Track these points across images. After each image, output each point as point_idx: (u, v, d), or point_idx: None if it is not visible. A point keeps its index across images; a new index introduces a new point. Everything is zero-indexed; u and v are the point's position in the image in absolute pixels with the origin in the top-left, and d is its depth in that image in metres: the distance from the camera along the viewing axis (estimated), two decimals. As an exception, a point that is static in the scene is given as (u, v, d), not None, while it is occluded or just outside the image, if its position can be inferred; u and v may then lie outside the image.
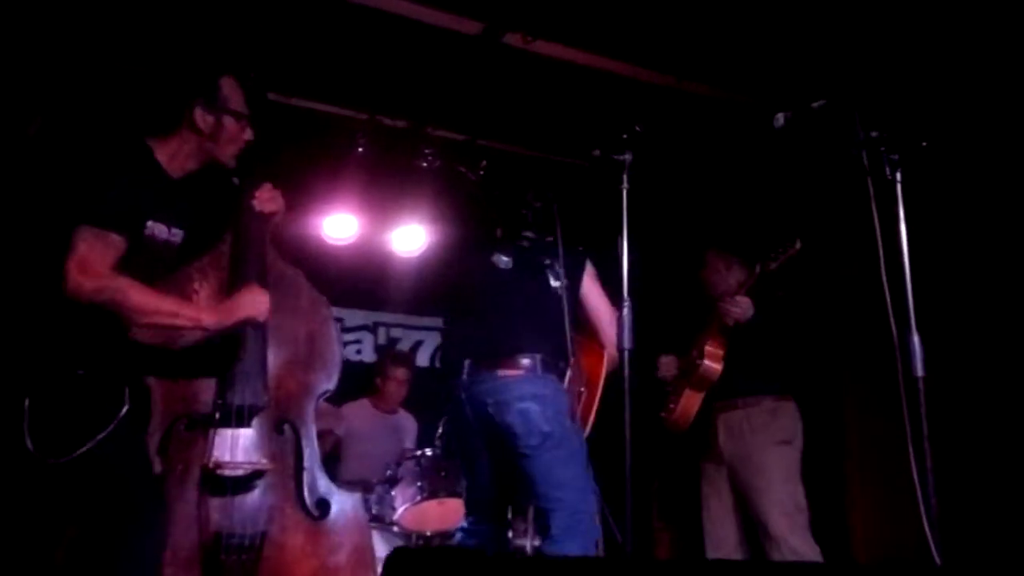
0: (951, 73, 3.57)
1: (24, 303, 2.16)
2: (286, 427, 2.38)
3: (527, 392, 2.46)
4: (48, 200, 2.30)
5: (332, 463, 4.36)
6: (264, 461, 2.27)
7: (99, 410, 2.04)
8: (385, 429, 4.80)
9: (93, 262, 2.01)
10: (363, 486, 4.03)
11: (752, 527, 3.29)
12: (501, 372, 2.51)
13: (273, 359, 2.40)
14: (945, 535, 1.88)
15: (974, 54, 3.49)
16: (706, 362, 3.28)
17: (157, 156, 2.25)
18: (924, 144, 2.20)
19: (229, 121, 2.30)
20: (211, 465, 2.20)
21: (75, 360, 2.07)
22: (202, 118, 2.26)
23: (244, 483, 2.25)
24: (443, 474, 4.06)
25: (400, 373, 4.89)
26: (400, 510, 3.94)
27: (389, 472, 4.11)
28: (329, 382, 2.52)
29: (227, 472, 2.21)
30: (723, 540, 3.33)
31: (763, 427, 3.34)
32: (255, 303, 2.29)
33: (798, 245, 2.98)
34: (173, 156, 2.27)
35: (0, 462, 2.07)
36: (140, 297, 2.08)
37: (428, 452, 4.16)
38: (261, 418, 2.31)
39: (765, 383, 3.41)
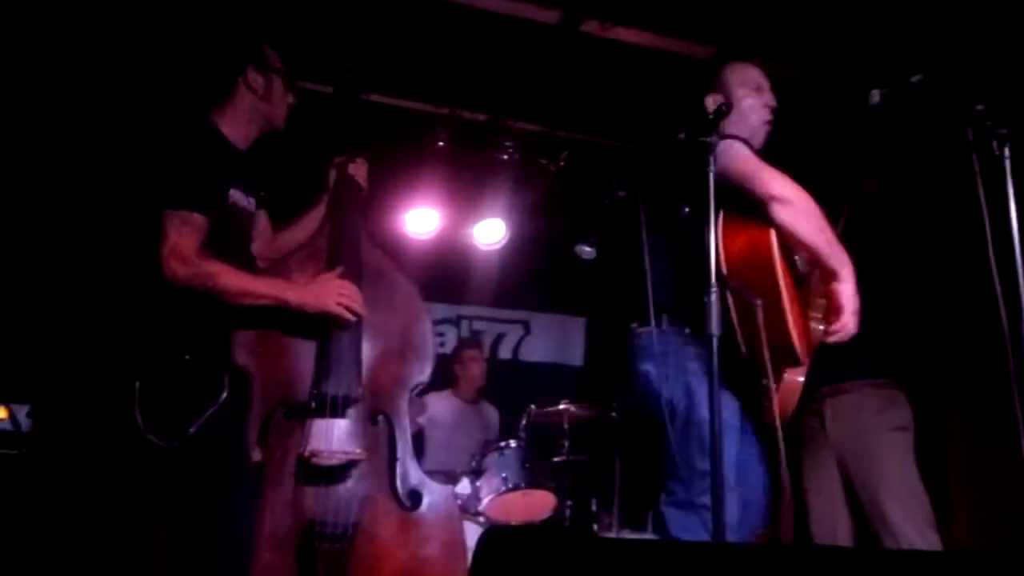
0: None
1: (129, 290, 2.28)
2: (380, 418, 2.41)
3: None
4: (135, 188, 2.41)
5: (416, 453, 4.43)
6: (358, 451, 2.29)
7: (203, 395, 2.13)
8: (468, 419, 4.85)
9: (184, 248, 2.12)
10: (447, 476, 4.09)
11: (862, 520, 3.17)
12: None
13: (368, 351, 2.43)
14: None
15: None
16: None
17: (222, 129, 2.36)
18: (1034, 117, 2.06)
19: (277, 81, 2.45)
20: (307, 454, 2.24)
21: (182, 346, 2.16)
22: (254, 79, 2.39)
23: (338, 472, 2.28)
24: (527, 466, 4.07)
25: (472, 354, 4.95)
26: (485, 501, 3.96)
27: (474, 463, 4.15)
28: (422, 375, 2.54)
29: (322, 461, 2.25)
30: (834, 536, 3.20)
31: (878, 412, 3.19)
32: (340, 294, 2.32)
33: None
34: (235, 125, 2.39)
35: (109, 442, 2.19)
36: (230, 280, 2.18)
37: (512, 443, 4.18)
38: (356, 409, 2.34)
39: (876, 367, 3.25)
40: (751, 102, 2.42)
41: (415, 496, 2.39)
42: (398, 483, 2.36)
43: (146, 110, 3.86)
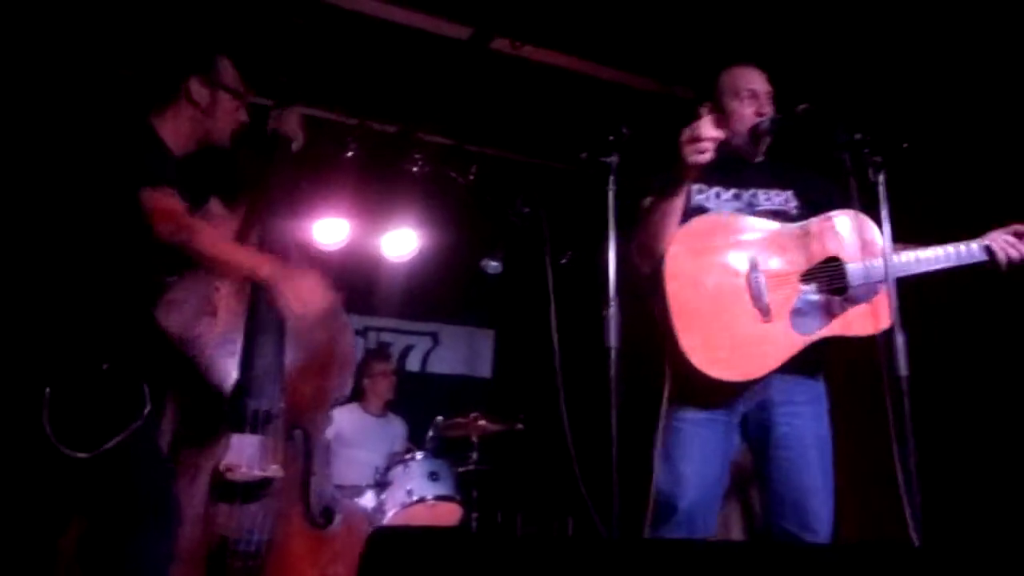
0: (931, 75, 3.64)
1: (46, 290, 2.15)
2: (297, 432, 2.36)
3: None
4: (65, 180, 2.28)
5: (322, 467, 4.37)
6: (275, 468, 2.23)
7: (122, 408, 2.02)
8: (375, 432, 4.80)
9: (170, 205, 2.04)
10: (353, 490, 4.04)
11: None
12: None
13: (290, 362, 2.37)
14: (925, 523, 1.92)
15: (953, 56, 3.55)
16: None
17: (159, 131, 2.28)
18: (906, 145, 2.22)
19: (224, 97, 2.34)
20: (222, 468, 2.18)
21: (99, 353, 2.04)
22: (197, 91, 2.30)
23: (253, 489, 2.22)
24: (433, 478, 4.07)
25: (381, 368, 4.87)
26: (390, 513, 3.93)
27: (378, 476, 4.11)
28: (343, 388, 2.51)
29: (237, 477, 2.18)
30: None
31: None
32: (312, 288, 2.18)
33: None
34: (173, 131, 2.29)
35: (11, 447, 2.08)
36: (209, 240, 2.07)
37: (418, 456, 4.17)
38: (275, 424, 2.29)
39: None
40: (738, 109, 2.40)
41: (327, 513, 2.35)
42: (312, 499, 2.32)
43: (89, 106, 3.71)
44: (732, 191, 2.36)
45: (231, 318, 2.33)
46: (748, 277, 2.21)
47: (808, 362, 2.29)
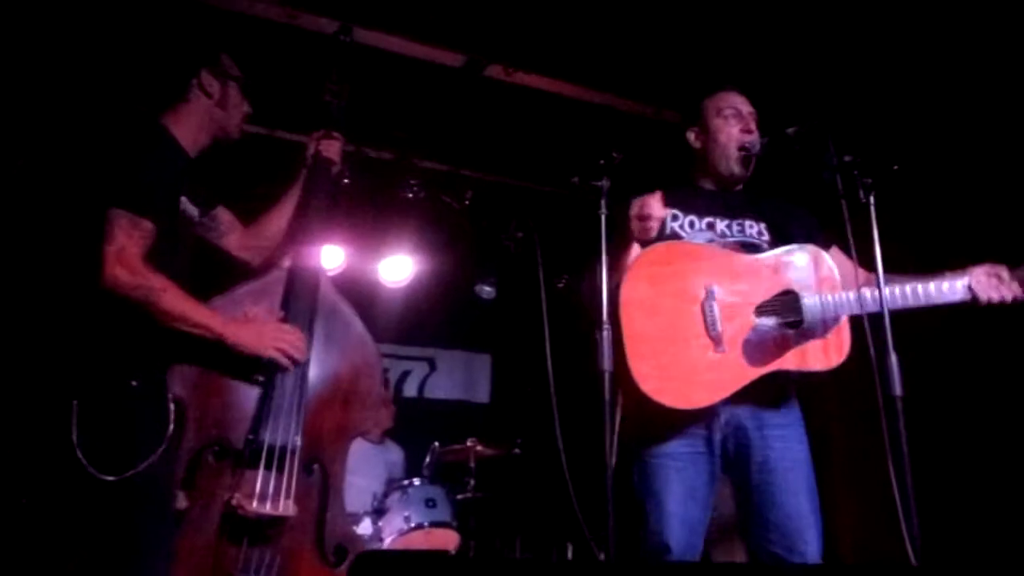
0: (919, 97, 3.68)
1: (72, 297, 2.11)
2: (316, 467, 2.27)
3: None
4: (78, 190, 2.26)
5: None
6: (289, 506, 2.15)
7: (149, 429, 1.99)
8: (373, 460, 4.77)
9: (131, 254, 1.99)
10: (350, 518, 4.01)
11: None
12: None
13: (312, 394, 2.30)
14: (923, 542, 1.91)
15: (943, 76, 3.59)
16: None
17: (173, 133, 2.27)
18: (896, 167, 2.24)
19: (233, 88, 2.38)
20: (234, 503, 2.10)
21: (128, 369, 2.01)
22: (209, 83, 2.33)
23: (265, 526, 2.14)
24: (430, 504, 4.05)
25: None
26: (387, 540, 3.91)
27: (376, 503, 4.09)
28: (364, 424, 2.43)
29: (249, 514, 2.10)
30: None
31: None
32: (279, 339, 2.20)
33: None
34: (186, 130, 2.30)
35: (35, 460, 2.04)
36: (172, 302, 2.04)
37: (416, 482, 4.15)
38: (292, 459, 2.20)
39: None
40: (722, 129, 2.44)
41: (340, 552, 2.25)
42: (325, 537, 2.23)
43: (91, 108, 3.72)
44: (706, 220, 2.38)
45: None
46: (703, 305, 2.22)
47: (776, 390, 2.29)
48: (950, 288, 2.30)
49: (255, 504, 2.11)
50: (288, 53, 3.69)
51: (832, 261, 2.33)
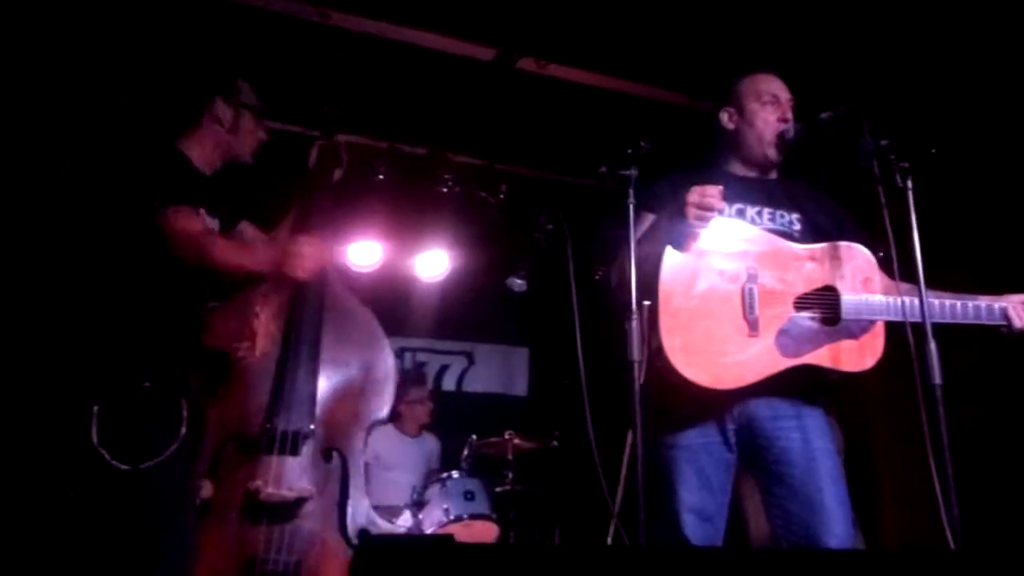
0: (956, 79, 3.58)
1: (87, 305, 2.23)
2: (334, 455, 2.36)
3: None
4: (101, 204, 2.38)
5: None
6: (307, 489, 2.25)
7: (162, 428, 2.08)
8: (411, 453, 4.83)
9: (187, 228, 2.19)
10: (389, 511, 4.06)
11: None
12: None
13: (326, 385, 2.40)
14: (964, 528, 1.88)
15: (976, 60, 3.49)
16: None
17: (188, 154, 2.40)
18: (933, 151, 2.19)
19: (246, 116, 2.48)
20: (253, 489, 2.20)
21: (141, 371, 2.11)
22: (222, 110, 2.44)
23: (285, 510, 2.22)
24: (469, 497, 4.07)
25: (418, 394, 4.91)
26: (427, 533, 3.94)
27: (415, 496, 4.13)
28: (380, 412, 2.50)
29: (269, 498, 2.20)
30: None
31: None
32: (298, 254, 2.33)
33: None
34: (200, 151, 2.42)
35: (59, 458, 2.12)
36: (219, 252, 2.23)
37: (454, 475, 4.18)
38: (308, 445, 2.31)
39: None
40: (759, 114, 2.40)
41: (364, 535, 2.31)
42: (348, 522, 2.31)
43: (111, 130, 3.84)
44: (736, 206, 2.33)
45: (268, 343, 2.38)
46: (743, 287, 2.18)
47: (803, 385, 2.24)
48: (988, 309, 2.28)
49: (271, 487, 2.20)
50: (290, 45, 3.74)
51: (875, 263, 2.28)
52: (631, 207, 2.03)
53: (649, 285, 2.11)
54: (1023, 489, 3.42)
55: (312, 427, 2.32)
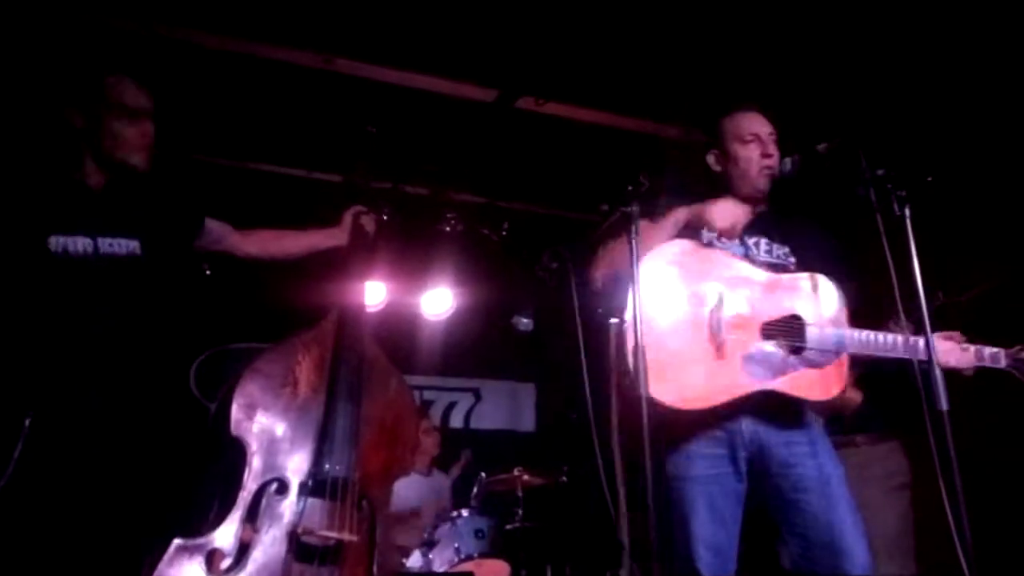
0: (950, 110, 3.64)
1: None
2: (364, 504, 2.43)
3: None
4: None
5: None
6: (350, 534, 2.29)
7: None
8: (422, 492, 4.81)
9: None
10: (401, 551, 4.04)
11: None
12: None
13: (362, 437, 2.47)
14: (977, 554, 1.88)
15: (968, 87, 3.55)
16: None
17: (76, 171, 2.25)
18: (929, 179, 2.22)
19: (111, 119, 2.24)
20: (300, 531, 2.24)
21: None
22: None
23: (328, 553, 2.27)
24: (480, 535, 4.06)
25: (424, 426, 4.91)
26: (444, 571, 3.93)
27: (426, 535, 4.11)
28: (406, 463, 2.63)
29: (316, 540, 2.25)
30: None
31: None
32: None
33: None
34: (80, 164, 2.25)
35: None
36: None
37: (464, 513, 4.16)
38: (350, 490, 2.36)
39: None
40: (742, 154, 2.45)
41: None
42: (375, 569, 2.37)
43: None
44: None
45: (309, 390, 2.44)
46: (712, 311, 2.21)
47: (793, 409, 2.27)
48: (990, 355, 2.39)
49: (323, 530, 2.25)
50: (324, 98, 3.83)
51: (841, 296, 2.33)
52: (634, 243, 2.06)
53: (621, 302, 2.14)
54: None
55: (356, 473, 2.38)
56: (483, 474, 4.47)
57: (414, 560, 4.00)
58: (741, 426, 2.23)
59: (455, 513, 4.19)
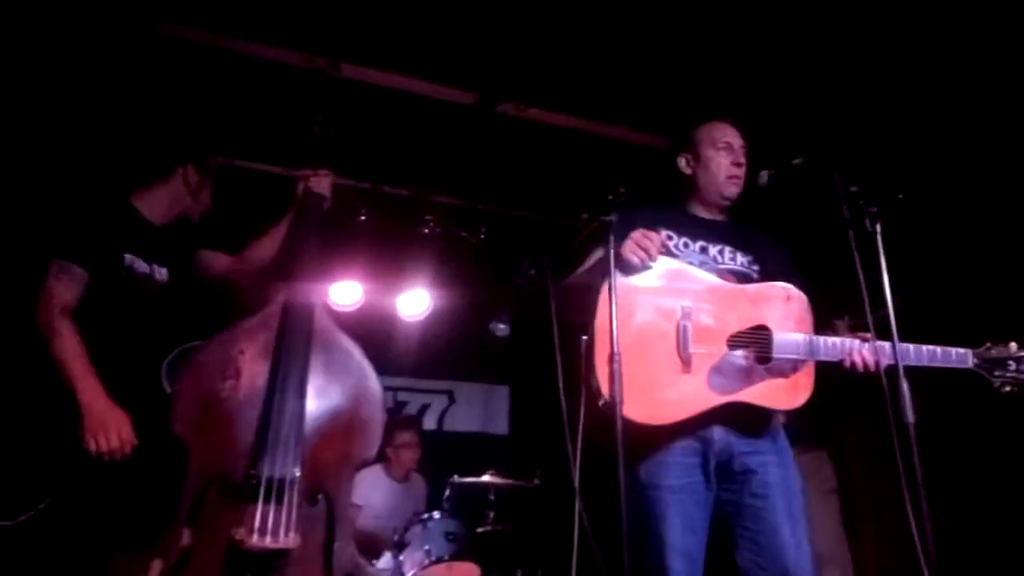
0: (922, 128, 3.72)
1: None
2: (320, 497, 2.27)
3: None
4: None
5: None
6: (292, 538, 2.14)
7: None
8: (398, 497, 4.78)
9: (55, 295, 2.36)
10: (371, 552, 4.03)
11: None
12: None
13: (314, 425, 2.31)
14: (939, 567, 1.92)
15: (948, 105, 3.63)
16: None
17: (135, 203, 2.63)
18: (900, 196, 2.27)
19: (208, 186, 2.79)
20: (237, 538, 2.10)
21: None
22: (192, 176, 2.73)
23: (269, 560, 2.13)
24: (451, 537, 4.06)
25: (405, 438, 4.87)
26: (409, 575, 3.92)
27: (396, 537, 4.10)
28: (368, 452, 2.41)
29: (253, 548, 2.10)
30: None
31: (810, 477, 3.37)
32: (107, 433, 2.35)
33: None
34: (156, 204, 2.67)
35: None
36: (59, 349, 2.33)
37: (436, 515, 4.16)
38: (294, 490, 2.20)
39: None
40: (713, 159, 2.53)
41: None
42: (333, 569, 2.22)
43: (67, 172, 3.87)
44: (700, 243, 2.44)
45: (254, 382, 2.30)
46: (678, 324, 2.24)
47: (762, 418, 2.32)
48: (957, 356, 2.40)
49: (256, 538, 2.10)
50: (281, 89, 3.80)
51: (808, 304, 2.37)
52: (611, 252, 2.08)
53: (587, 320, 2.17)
54: (998, 526, 3.47)
55: (297, 472, 2.22)
56: (456, 476, 4.47)
57: (384, 562, 3.99)
58: (713, 434, 2.26)
59: (426, 515, 4.18)
